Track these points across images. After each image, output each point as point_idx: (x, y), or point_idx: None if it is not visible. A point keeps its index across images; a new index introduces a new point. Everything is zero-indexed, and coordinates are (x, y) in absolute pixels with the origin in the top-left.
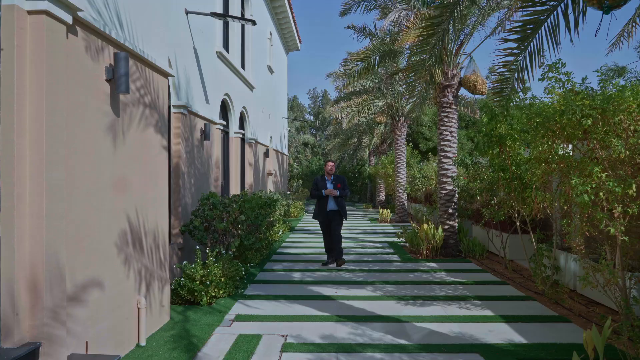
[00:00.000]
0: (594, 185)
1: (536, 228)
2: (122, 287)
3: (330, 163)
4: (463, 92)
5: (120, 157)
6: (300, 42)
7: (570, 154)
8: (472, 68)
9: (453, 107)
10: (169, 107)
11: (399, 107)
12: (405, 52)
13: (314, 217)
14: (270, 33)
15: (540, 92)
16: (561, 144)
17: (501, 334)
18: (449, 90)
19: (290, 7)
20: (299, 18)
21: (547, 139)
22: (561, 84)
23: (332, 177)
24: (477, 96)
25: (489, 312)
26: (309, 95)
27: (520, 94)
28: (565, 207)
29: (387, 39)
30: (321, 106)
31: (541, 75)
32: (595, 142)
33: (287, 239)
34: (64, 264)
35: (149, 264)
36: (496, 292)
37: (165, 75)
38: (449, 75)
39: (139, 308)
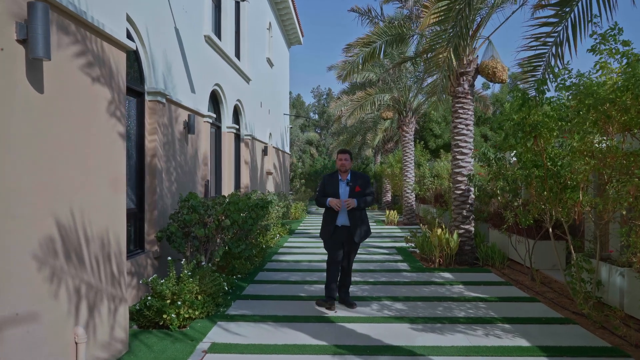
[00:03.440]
0: None
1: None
2: (47, 316)
3: (344, 155)
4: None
5: (46, 145)
6: (302, 36)
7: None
8: (491, 53)
9: (469, 97)
10: (144, 93)
11: (407, 102)
12: (415, 37)
13: (321, 236)
14: (270, 23)
15: (581, 71)
16: (597, 136)
17: None
18: (465, 78)
19: None
20: (302, 17)
21: (597, 127)
22: (619, 57)
23: (348, 177)
24: (486, 92)
25: (524, 342)
26: (313, 93)
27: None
28: (624, 212)
29: (395, 23)
30: (325, 105)
31: (591, 46)
32: None
33: (285, 244)
34: None
35: (93, 280)
36: (527, 311)
37: (123, 48)
38: (465, 62)
39: (76, 343)
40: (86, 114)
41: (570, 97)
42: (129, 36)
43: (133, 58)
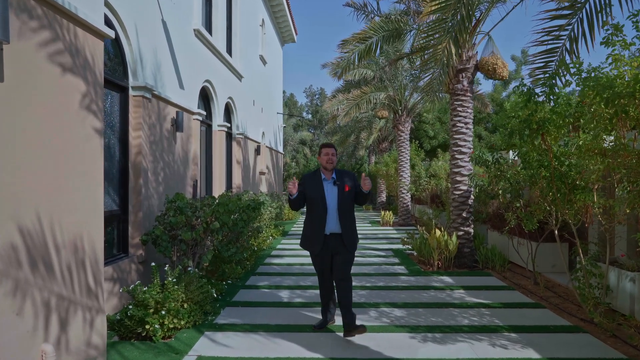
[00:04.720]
0: None
1: (573, 237)
2: (8, 333)
3: (330, 149)
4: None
5: (6, 140)
6: (296, 34)
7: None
8: (491, 49)
9: (468, 94)
10: (128, 88)
11: (403, 100)
12: (412, 33)
13: (302, 245)
14: (263, 20)
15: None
16: (614, 133)
17: None
18: (464, 74)
19: None
20: (296, 17)
21: (613, 124)
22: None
23: (333, 175)
24: (484, 89)
25: (533, 354)
26: (306, 93)
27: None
28: None
29: (392, 18)
30: (318, 104)
31: (603, 38)
32: None
33: (279, 246)
34: None
35: (64, 291)
36: (533, 319)
37: (100, 35)
38: (464, 58)
39: None
40: (56, 107)
41: (580, 92)
42: (111, 26)
43: (117, 51)
